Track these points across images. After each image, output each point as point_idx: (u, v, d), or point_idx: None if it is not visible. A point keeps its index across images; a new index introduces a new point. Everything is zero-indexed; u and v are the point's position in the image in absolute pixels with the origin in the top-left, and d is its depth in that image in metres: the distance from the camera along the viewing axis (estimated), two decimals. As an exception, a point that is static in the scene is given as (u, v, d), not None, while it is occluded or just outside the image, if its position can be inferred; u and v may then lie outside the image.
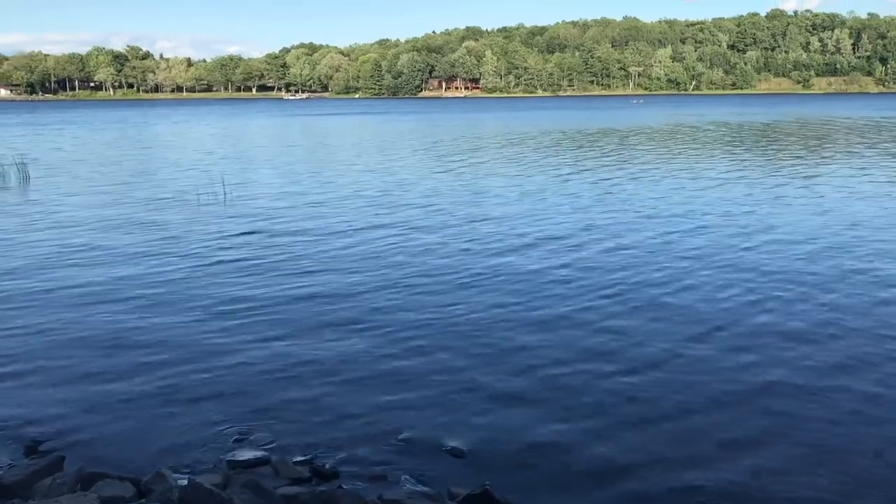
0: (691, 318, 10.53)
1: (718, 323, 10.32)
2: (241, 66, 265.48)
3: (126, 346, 9.56)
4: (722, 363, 8.86)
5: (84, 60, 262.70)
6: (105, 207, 21.06)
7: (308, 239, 16.31)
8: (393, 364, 8.89)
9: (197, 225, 17.99)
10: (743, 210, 19.61)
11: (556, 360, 9.01)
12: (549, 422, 7.42)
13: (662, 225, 17.58)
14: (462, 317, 10.68)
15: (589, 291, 11.94)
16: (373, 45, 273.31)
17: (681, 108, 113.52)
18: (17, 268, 13.85)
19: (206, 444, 7.01)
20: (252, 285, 12.42)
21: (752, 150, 39.63)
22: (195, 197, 22.51)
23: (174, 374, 8.60)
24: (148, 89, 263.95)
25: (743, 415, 7.52)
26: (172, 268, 13.64)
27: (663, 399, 7.91)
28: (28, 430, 7.27)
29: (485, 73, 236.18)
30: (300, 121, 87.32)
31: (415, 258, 14.30)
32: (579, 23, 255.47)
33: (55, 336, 9.97)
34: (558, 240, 15.97)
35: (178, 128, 72.19)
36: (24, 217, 19.61)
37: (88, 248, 15.46)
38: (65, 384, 8.34)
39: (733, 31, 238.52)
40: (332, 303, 11.39)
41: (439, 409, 7.70)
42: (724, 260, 13.94)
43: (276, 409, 7.72)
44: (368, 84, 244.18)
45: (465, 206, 20.76)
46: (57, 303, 11.53)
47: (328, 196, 23.04)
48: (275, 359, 9.08)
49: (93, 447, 6.94)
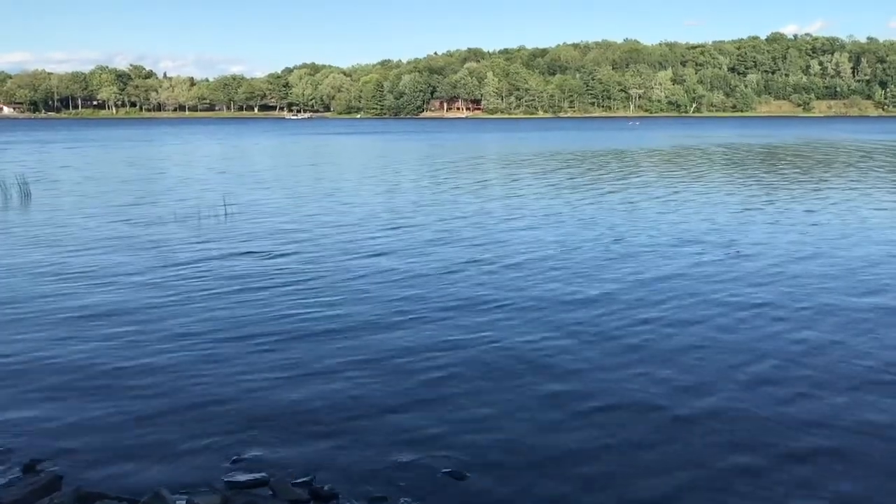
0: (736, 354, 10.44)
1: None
2: (244, 86, 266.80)
3: (123, 366, 9.52)
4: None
5: (87, 79, 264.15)
6: (104, 226, 21.07)
7: (307, 260, 16.27)
8: (393, 387, 8.85)
9: (196, 245, 17.96)
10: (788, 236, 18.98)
11: (561, 386, 8.97)
12: (551, 447, 7.37)
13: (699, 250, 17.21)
14: (463, 340, 10.65)
15: (608, 312, 11.93)
16: (375, 65, 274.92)
17: (682, 129, 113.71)
18: (13, 287, 13.83)
19: (203, 464, 6.97)
20: (250, 306, 12.39)
21: (773, 173, 39.67)
22: (196, 216, 22.52)
23: (172, 395, 8.56)
24: (150, 108, 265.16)
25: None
26: (169, 288, 13.59)
27: (697, 428, 7.87)
28: (26, 448, 7.23)
29: (486, 95, 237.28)
30: (302, 140, 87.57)
31: (419, 280, 14.27)
32: (580, 45, 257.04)
33: (52, 356, 9.93)
34: (580, 264, 15.64)
35: (180, 147, 72.41)
36: (21, 236, 19.60)
37: (85, 268, 15.42)
38: (62, 404, 8.31)
39: (734, 54, 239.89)
40: (331, 324, 11.36)
41: (440, 431, 7.66)
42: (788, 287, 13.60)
43: (275, 430, 7.68)
44: (370, 104, 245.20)
45: (473, 228, 20.60)
46: (52, 322, 11.50)
47: (331, 217, 22.99)
48: (273, 380, 9.04)
49: (90, 467, 6.90)
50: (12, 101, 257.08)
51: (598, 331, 10.99)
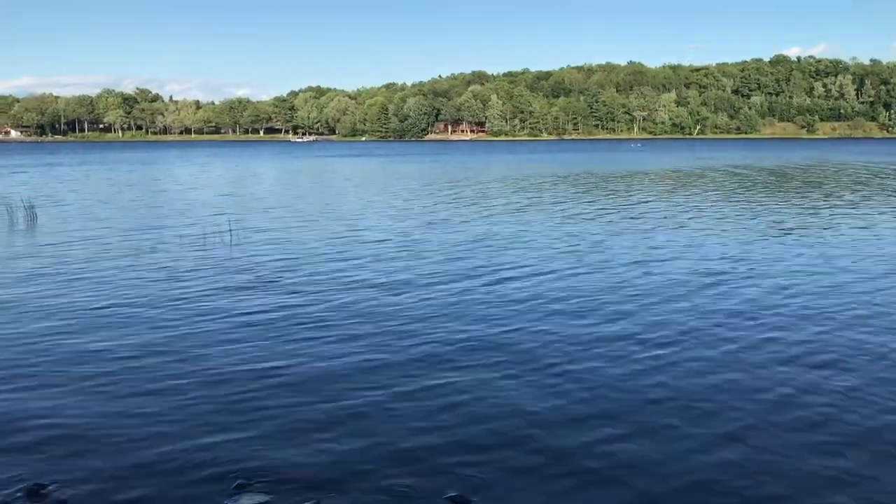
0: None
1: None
2: (249, 109, 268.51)
3: (126, 390, 9.55)
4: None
5: (94, 102, 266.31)
6: (108, 250, 21.10)
7: (313, 286, 16.29)
8: (397, 412, 8.84)
9: (200, 271, 17.94)
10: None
11: (573, 416, 8.96)
12: (557, 478, 7.35)
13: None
14: (470, 367, 10.65)
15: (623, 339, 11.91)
16: (380, 88, 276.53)
17: (687, 152, 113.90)
18: (15, 313, 13.87)
19: (207, 489, 6.96)
20: (252, 332, 12.39)
21: (792, 196, 39.68)
22: (202, 240, 22.58)
23: (174, 420, 8.57)
24: (156, 131, 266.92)
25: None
26: (172, 314, 13.60)
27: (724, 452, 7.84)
28: (30, 473, 7.23)
29: (490, 117, 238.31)
30: (308, 163, 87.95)
31: (429, 306, 14.28)
32: (584, 68, 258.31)
33: (53, 380, 9.95)
34: (591, 294, 15.38)
35: (187, 170, 72.77)
36: (24, 258, 19.67)
37: (87, 294, 15.43)
38: (67, 430, 8.31)
39: (737, 76, 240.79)
40: (334, 350, 11.36)
41: (443, 456, 7.64)
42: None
43: (279, 454, 7.67)
44: (375, 127, 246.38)
45: (488, 252, 20.50)
46: (51, 347, 11.52)
47: (338, 241, 22.98)
48: (277, 405, 9.04)
49: (94, 492, 6.91)
50: (20, 125, 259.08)
51: (617, 359, 10.89)
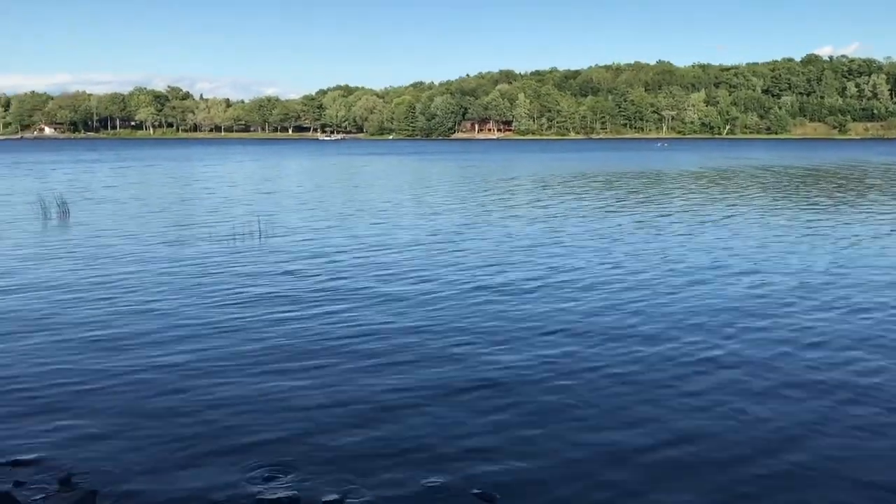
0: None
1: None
2: (279, 108, 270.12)
3: (156, 384, 9.66)
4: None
5: (126, 100, 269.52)
6: (137, 245, 21.35)
7: (343, 282, 16.37)
8: (426, 408, 8.87)
9: (230, 264, 18.14)
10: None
11: (594, 414, 8.95)
12: (583, 476, 7.35)
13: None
14: (503, 365, 10.65)
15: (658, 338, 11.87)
16: (407, 87, 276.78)
17: (717, 151, 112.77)
18: (48, 304, 14.09)
19: (236, 482, 7.03)
20: (283, 326, 12.50)
21: (824, 195, 39.23)
22: (231, 236, 22.77)
23: (204, 413, 8.66)
24: (187, 129, 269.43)
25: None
26: (202, 308, 13.75)
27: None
28: (62, 463, 7.36)
29: (517, 116, 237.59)
30: (337, 161, 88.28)
31: (458, 302, 14.29)
32: (612, 66, 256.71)
33: (85, 374, 10.10)
34: (635, 291, 15.24)
35: (219, 167, 73.32)
36: (56, 251, 19.98)
37: (114, 285, 15.65)
38: (97, 420, 8.44)
39: (768, 75, 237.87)
40: (363, 345, 11.42)
41: (470, 453, 7.66)
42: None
43: (307, 448, 7.73)
44: (402, 126, 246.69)
45: (518, 251, 20.42)
46: (85, 340, 11.69)
47: (369, 238, 23.03)
48: (305, 399, 9.11)
49: (124, 483, 6.99)
50: (53, 122, 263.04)
51: (652, 363, 10.71)
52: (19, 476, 7.08)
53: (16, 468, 7.27)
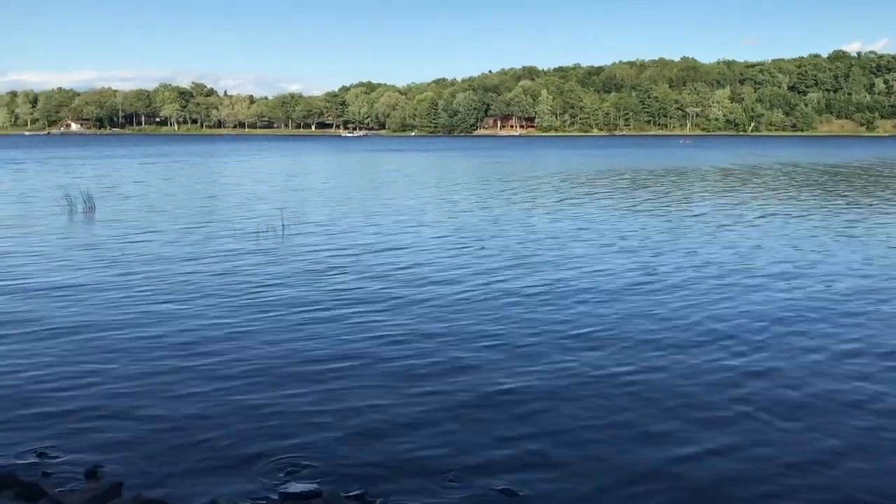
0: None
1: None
2: (302, 104, 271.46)
3: (181, 378, 9.72)
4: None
5: (151, 96, 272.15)
6: (160, 240, 21.50)
7: (364, 281, 16.40)
8: (447, 402, 8.86)
9: (252, 264, 18.18)
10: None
11: (620, 414, 8.89)
12: (606, 470, 7.30)
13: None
14: (519, 373, 10.62)
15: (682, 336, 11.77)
16: (430, 84, 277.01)
17: (744, 148, 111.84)
18: (68, 304, 14.23)
19: (259, 475, 7.06)
20: (304, 331, 12.51)
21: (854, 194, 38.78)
22: (254, 232, 22.87)
23: (228, 408, 8.70)
24: (211, 125, 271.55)
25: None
26: (224, 309, 13.80)
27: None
28: (89, 455, 7.42)
29: (540, 112, 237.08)
30: (361, 157, 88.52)
31: (483, 307, 14.24)
32: (636, 63, 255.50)
33: (111, 366, 10.19)
34: (667, 294, 14.84)
35: (245, 163, 73.79)
36: (80, 247, 20.17)
37: (137, 284, 15.71)
38: (124, 414, 8.50)
39: (794, 72, 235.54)
40: (383, 351, 11.39)
41: (492, 448, 7.64)
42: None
43: (329, 443, 7.74)
44: (424, 122, 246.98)
45: (546, 249, 20.26)
46: (106, 334, 11.79)
47: (388, 237, 22.99)
48: (327, 393, 9.13)
49: (149, 475, 7.04)
50: (79, 118, 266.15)
51: (680, 373, 10.42)
52: (46, 467, 7.15)
53: (43, 459, 7.34)
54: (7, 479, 6.58)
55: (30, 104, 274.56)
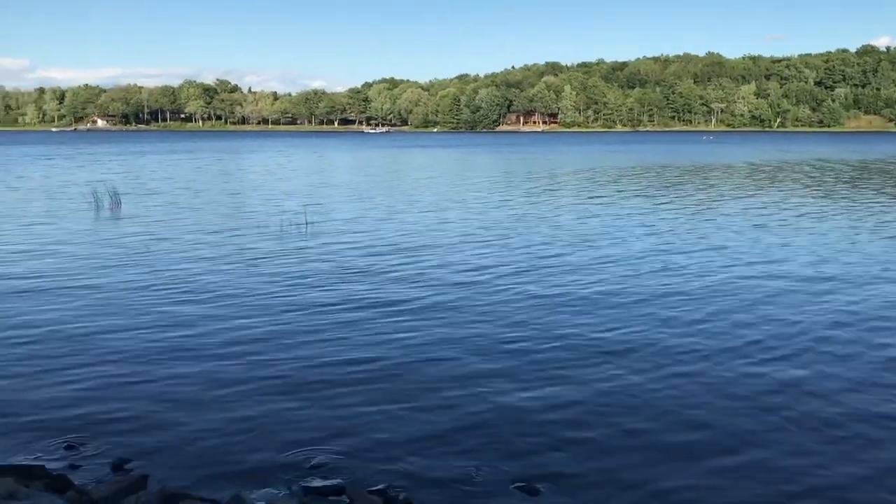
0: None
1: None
2: (325, 101, 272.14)
3: (206, 377, 9.80)
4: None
5: (176, 93, 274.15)
6: (184, 237, 21.65)
7: (388, 281, 16.46)
8: (470, 399, 8.89)
9: (276, 260, 18.32)
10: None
11: (647, 409, 8.86)
12: (634, 468, 7.29)
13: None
14: (540, 360, 10.62)
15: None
16: (452, 80, 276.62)
17: (770, 144, 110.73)
18: (102, 294, 14.40)
19: (282, 469, 7.13)
20: (328, 313, 12.61)
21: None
22: (278, 228, 22.99)
23: (252, 403, 8.79)
24: (235, 121, 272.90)
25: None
26: (249, 303, 13.91)
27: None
28: (115, 448, 7.53)
29: (563, 108, 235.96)
30: (385, 153, 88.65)
31: (510, 311, 14.25)
32: (661, 58, 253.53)
33: (137, 361, 10.31)
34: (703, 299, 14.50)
35: (272, 158, 74.17)
36: (105, 241, 20.39)
37: (162, 280, 15.91)
38: (148, 410, 8.60)
39: (821, 67, 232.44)
40: (409, 334, 11.47)
41: (513, 445, 7.65)
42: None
43: (352, 437, 7.80)
44: (447, 118, 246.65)
45: (573, 250, 20.19)
46: (135, 329, 11.93)
47: (413, 235, 22.99)
48: (352, 390, 9.19)
49: (175, 468, 7.13)
50: (105, 114, 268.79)
51: (723, 377, 10.32)
52: (74, 460, 7.27)
53: (70, 452, 7.46)
54: (36, 470, 6.69)
55: (57, 101, 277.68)
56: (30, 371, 9.80)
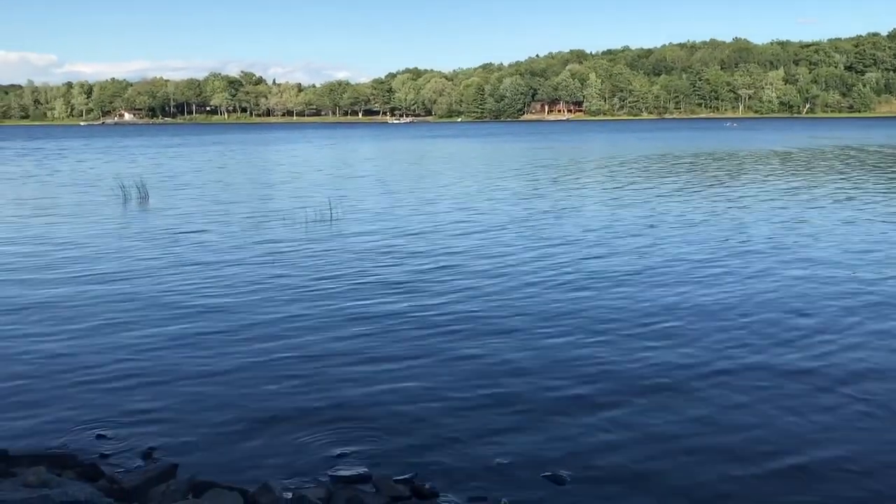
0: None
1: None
2: (349, 91, 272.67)
3: (234, 362, 9.88)
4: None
5: (201, 86, 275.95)
6: (211, 229, 21.75)
7: (418, 261, 16.49)
8: (497, 388, 8.87)
9: (304, 246, 18.43)
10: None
11: (674, 396, 8.81)
12: (657, 455, 7.24)
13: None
14: (571, 344, 10.58)
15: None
16: (476, 69, 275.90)
17: (801, 131, 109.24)
18: (128, 285, 14.55)
19: (310, 458, 7.16)
20: (356, 305, 12.65)
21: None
22: (303, 220, 23.06)
23: (280, 392, 8.83)
24: (260, 113, 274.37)
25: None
26: (277, 295, 13.97)
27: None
28: (145, 438, 7.61)
29: (588, 96, 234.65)
30: (410, 143, 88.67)
31: (524, 292, 14.23)
32: (687, 45, 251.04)
33: (167, 351, 10.41)
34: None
35: (301, 149, 74.51)
36: (132, 232, 20.60)
37: (189, 270, 16.04)
38: (179, 398, 8.68)
39: (851, 51, 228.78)
40: (437, 327, 11.47)
41: (540, 434, 7.63)
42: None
43: (379, 427, 7.81)
44: (471, 108, 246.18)
45: (603, 243, 20.09)
46: (162, 318, 12.05)
47: (442, 225, 22.94)
48: (377, 378, 9.21)
49: (204, 457, 7.19)
50: (132, 108, 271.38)
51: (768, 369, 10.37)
52: (104, 448, 7.36)
53: (101, 441, 7.55)
54: (67, 459, 6.79)
55: (85, 95, 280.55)
56: (60, 361, 9.93)
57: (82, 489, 5.13)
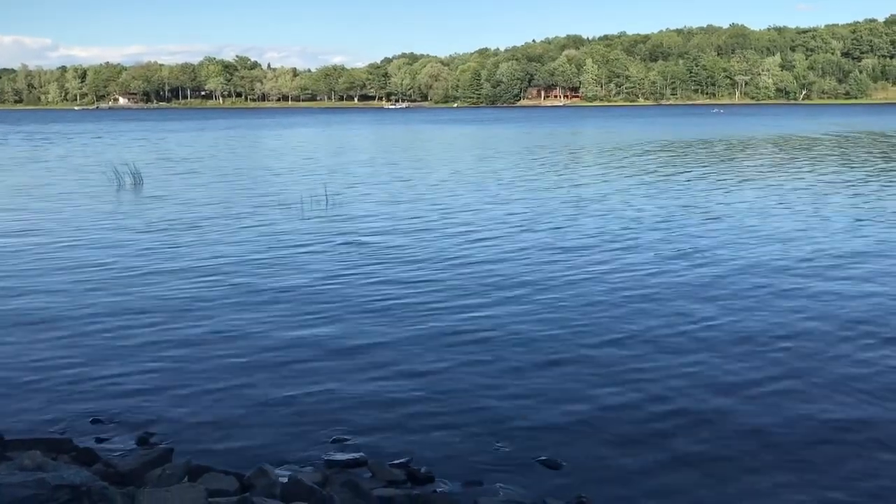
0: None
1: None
2: (344, 76, 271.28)
3: (229, 347, 9.90)
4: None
5: (196, 70, 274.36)
6: (205, 215, 21.67)
7: (414, 249, 16.48)
8: (492, 374, 8.89)
9: (300, 232, 18.42)
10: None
11: (667, 383, 8.83)
12: (654, 441, 7.27)
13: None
14: (560, 331, 10.60)
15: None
16: (472, 54, 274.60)
17: (795, 118, 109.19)
18: (122, 269, 14.52)
19: (305, 443, 7.18)
20: (350, 292, 12.65)
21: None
22: (298, 204, 23.02)
23: (276, 377, 8.84)
24: (255, 98, 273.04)
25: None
26: (271, 274, 14.00)
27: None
28: (141, 422, 7.62)
29: (585, 82, 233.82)
30: (405, 128, 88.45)
31: (537, 274, 14.25)
32: (684, 30, 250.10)
33: (161, 337, 10.40)
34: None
35: (289, 135, 74.26)
36: (127, 219, 20.54)
37: (188, 253, 16.06)
38: (174, 383, 8.69)
39: (848, 38, 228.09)
40: (433, 313, 11.47)
41: (536, 419, 7.65)
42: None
43: (374, 412, 7.83)
44: (467, 93, 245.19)
45: (615, 237, 19.97)
46: (161, 302, 12.05)
47: (435, 212, 22.93)
48: (373, 364, 9.22)
49: (199, 442, 7.21)
50: (127, 92, 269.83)
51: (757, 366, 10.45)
52: (100, 434, 7.36)
53: (96, 425, 7.56)
54: (63, 443, 6.80)
55: (79, 79, 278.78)
56: (56, 347, 9.92)
57: (78, 473, 5.12)
